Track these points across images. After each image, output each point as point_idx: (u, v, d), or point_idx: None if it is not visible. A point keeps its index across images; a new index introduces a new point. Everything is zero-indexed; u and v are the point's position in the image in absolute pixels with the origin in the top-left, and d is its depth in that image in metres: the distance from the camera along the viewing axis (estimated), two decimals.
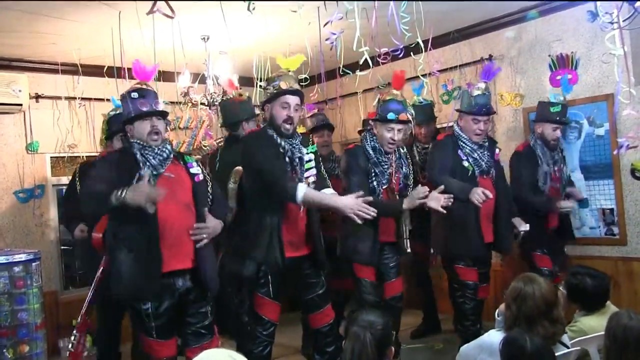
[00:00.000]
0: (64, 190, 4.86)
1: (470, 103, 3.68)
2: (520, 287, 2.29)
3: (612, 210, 4.12)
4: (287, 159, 3.03)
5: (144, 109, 2.69)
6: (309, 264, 3.15)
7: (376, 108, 3.58)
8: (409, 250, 4.77)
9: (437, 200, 3.29)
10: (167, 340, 2.70)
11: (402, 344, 4.08)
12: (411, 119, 3.59)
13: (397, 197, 3.54)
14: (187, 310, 2.78)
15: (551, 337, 2.16)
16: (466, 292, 3.67)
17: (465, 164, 3.66)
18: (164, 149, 2.74)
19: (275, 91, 3.04)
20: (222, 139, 4.56)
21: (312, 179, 3.13)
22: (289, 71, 3.11)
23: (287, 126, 3.04)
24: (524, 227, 3.70)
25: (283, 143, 3.03)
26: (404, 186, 3.58)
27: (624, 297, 3.98)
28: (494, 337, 2.31)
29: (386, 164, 3.51)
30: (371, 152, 3.51)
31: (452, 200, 3.33)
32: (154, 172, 2.67)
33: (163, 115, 2.79)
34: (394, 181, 3.54)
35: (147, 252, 2.60)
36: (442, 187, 3.35)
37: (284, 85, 3.04)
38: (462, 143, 3.70)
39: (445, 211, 3.33)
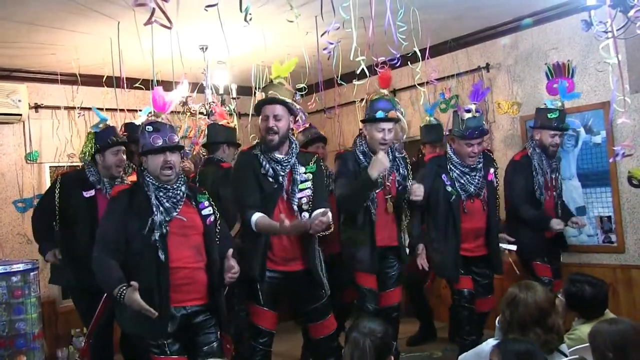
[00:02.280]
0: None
1: (462, 127, 3.64)
2: (515, 293, 2.29)
3: (609, 217, 4.13)
4: (270, 178, 3.02)
5: (157, 143, 2.68)
6: (306, 278, 3.13)
7: (365, 109, 3.54)
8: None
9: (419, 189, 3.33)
10: (181, 356, 2.69)
11: (401, 352, 4.07)
12: (401, 117, 3.53)
13: (394, 200, 3.49)
14: (196, 330, 2.77)
15: (544, 345, 2.15)
16: (461, 300, 3.67)
17: (449, 189, 3.64)
18: (178, 191, 2.72)
19: (256, 105, 3.09)
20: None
21: (305, 200, 3.09)
22: (277, 78, 3.10)
23: (270, 137, 3.04)
24: (510, 247, 3.68)
25: (265, 163, 3.04)
26: (403, 188, 3.50)
27: (623, 305, 3.98)
28: (492, 345, 2.31)
29: None
30: (361, 156, 3.45)
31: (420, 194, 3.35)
32: (167, 218, 2.65)
33: (178, 148, 2.77)
34: (388, 184, 3.46)
35: (157, 295, 2.58)
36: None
37: (259, 97, 3.07)
38: (451, 166, 3.67)
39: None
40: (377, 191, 3.43)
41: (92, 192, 3.54)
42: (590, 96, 4.21)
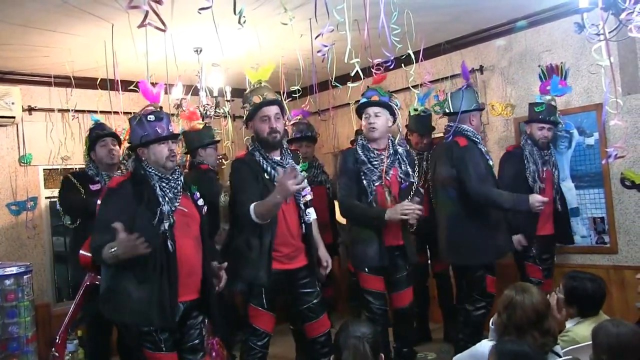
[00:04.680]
0: (57, 203, 4.86)
1: (478, 100, 3.75)
2: (511, 296, 2.30)
3: (602, 218, 4.15)
4: (275, 183, 3.00)
5: (162, 132, 2.68)
6: (305, 274, 3.16)
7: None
8: None
9: (405, 210, 3.21)
10: (173, 353, 2.69)
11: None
12: (392, 104, 3.45)
13: (396, 196, 3.39)
14: (185, 326, 2.78)
15: (540, 348, 2.16)
16: (489, 304, 3.62)
17: (491, 162, 3.70)
18: (178, 181, 2.74)
19: (251, 107, 3.07)
20: (219, 155, 4.68)
21: (308, 197, 3.15)
22: (261, 82, 3.14)
23: (273, 135, 3.07)
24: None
25: (269, 169, 3.05)
26: (407, 185, 3.41)
27: (616, 306, 3.99)
28: (486, 346, 2.31)
29: (376, 161, 3.39)
30: (360, 151, 3.42)
31: (421, 212, 3.25)
32: (172, 208, 2.66)
33: (178, 139, 2.83)
34: (388, 179, 3.39)
35: (167, 284, 2.59)
36: (418, 199, 3.31)
37: (257, 99, 3.06)
38: (479, 142, 3.68)
39: (413, 222, 3.28)
40: (375, 186, 3.37)
41: (98, 186, 3.67)
42: (583, 98, 4.24)
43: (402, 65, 3.64)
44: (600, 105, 3.97)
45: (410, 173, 3.44)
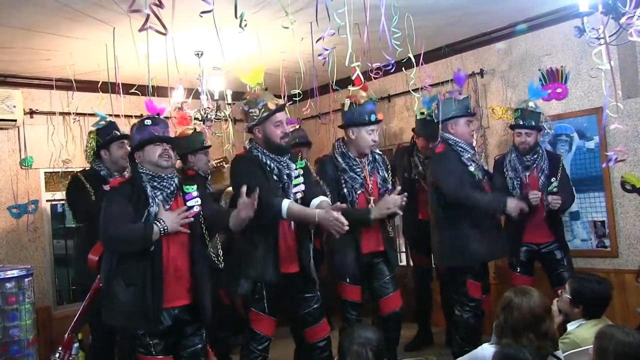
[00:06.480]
0: (58, 206, 4.88)
1: (461, 106, 3.73)
2: (510, 298, 2.31)
3: (603, 222, 4.15)
4: (275, 177, 3.07)
5: (157, 133, 2.77)
6: (302, 279, 3.16)
7: (351, 112, 3.53)
8: (402, 263, 4.78)
9: (395, 203, 3.26)
10: (167, 357, 2.71)
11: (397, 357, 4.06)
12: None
13: (376, 202, 3.41)
14: (182, 332, 2.79)
15: (537, 351, 2.16)
16: (474, 308, 3.65)
17: (472, 169, 3.67)
18: (171, 182, 2.78)
19: (265, 113, 3.09)
20: (220, 158, 4.70)
21: (299, 195, 3.15)
22: (265, 88, 3.20)
23: (286, 140, 3.12)
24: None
25: (269, 162, 3.08)
26: (384, 191, 3.46)
27: (617, 310, 3.98)
28: (487, 350, 2.31)
29: (358, 168, 3.45)
30: (340, 159, 3.46)
31: (405, 200, 3.28)
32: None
33: (173, 143, 2.86)
34: (370, 185, 3.44)
35: (150, 288, 2.61)
36: (399, 188, 3.34)
37: (272, 105, 3.09)
38: (461, 149, 3.68)
39: (401, 212, 3.34)
40: (357, 194, 3.42)
41: None
42: (584, 102, 4.24)
43: (403, 69, 3.65)
44: (601, 109, 3.99)
45: (387, 179, 3.50)
